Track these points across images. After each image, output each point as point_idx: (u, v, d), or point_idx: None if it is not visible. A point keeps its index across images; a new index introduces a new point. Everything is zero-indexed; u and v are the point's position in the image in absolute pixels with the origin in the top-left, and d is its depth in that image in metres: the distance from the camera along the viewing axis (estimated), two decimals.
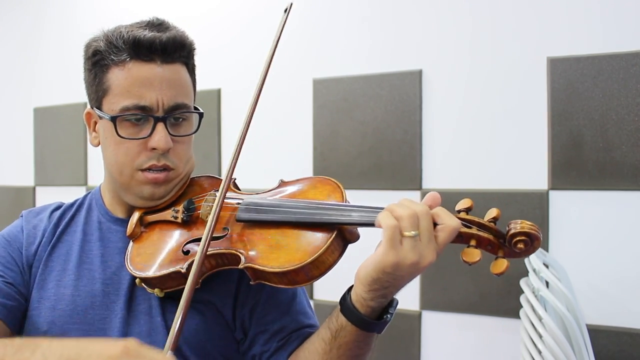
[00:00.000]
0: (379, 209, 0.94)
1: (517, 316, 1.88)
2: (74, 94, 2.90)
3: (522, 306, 1.81)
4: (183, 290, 0.96)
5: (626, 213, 1.96)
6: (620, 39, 1.98)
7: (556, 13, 2.07)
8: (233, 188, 1.18)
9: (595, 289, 1.99)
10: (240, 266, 1.01)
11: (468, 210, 0.95)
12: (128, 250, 1.14)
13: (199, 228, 1.11)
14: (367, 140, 2.35)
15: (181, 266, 1.05)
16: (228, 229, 1.07)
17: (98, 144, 1.19)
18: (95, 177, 2.96)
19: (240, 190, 1.19)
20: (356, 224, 0.99)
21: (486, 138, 2.18)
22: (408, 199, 0.93)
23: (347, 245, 1.02)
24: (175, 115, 1.12)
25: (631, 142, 1.94)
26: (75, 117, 2.96)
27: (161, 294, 1.09)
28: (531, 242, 0.90)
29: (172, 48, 1.11)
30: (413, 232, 0.88)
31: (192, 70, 1.19)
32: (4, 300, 1.11)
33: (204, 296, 1.12)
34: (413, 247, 0.88)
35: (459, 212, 0.94)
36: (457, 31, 2.23)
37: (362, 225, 0.98)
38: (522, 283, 1.83)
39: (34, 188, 3.18)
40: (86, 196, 1.29)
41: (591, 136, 2.00)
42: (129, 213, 1.19)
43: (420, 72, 2.28)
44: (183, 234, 1.12)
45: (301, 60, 2.50)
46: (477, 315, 2.18)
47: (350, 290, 0.97)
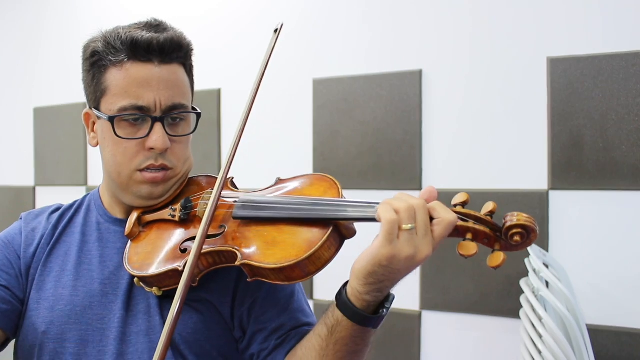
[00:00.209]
0: (375, 204, 0.94)
1: (517, 316, 1.88)
2: (74, 94, 2.89)
3: (522, 306, 1.81)
4: None
5: (626, 213, 1.96)
6: (620, 39, 1.97)
7: (556, 13, 2.07)
8: (230, 187, 1.19)
9: (595, 289, 1.99)
10: (236, 263, 1.01)
11: (464, 204, 0.94)
12: (126, 249, 1.14)
13: (197, 226, 1.10)
14: (367, 140, 2.35)
15: (179, 264, 1.05)
16: (225, 227, 1.07)
17: (96, 145, 1.20)
18: (95, 177, 2.97)
19: (237, 189, 1.19)
20: (352, 220, 0.99)
21: (486, 138, 2.18)
22: (405, 193, 0.93)
23: (344, 241, 1.01)
24: (172, 115, 1.13)
25: (631, 142, 1.94)
26: (75, 117, 2.96)
27: (159, 293, 1.09)
28: (527, 235, 0.90)
29: (170, 49, 1.11)
30: (409, 226, 0.88)
31: (190, 70, 1.19)
32: None
33: (203, 295, 1.12)
34: (409, 241, 0.88)
35: (455, 206, 0.94)
36: (457, 31, 2.23)
37: (358, 220, 0.98)
38: (522, 283, 1.83)
39: (34, 188, 3.18)
40: (85, 197, 1.29)
41: (591, 136, 1.99)
42: (128, 214, 1.19)
43: (420, 72, 2.28)
44: (181, 233, 1.13)
45: (301, 60, 2.50)
46: (477, 315, 2.17)
47: (346, 285, 0.97)
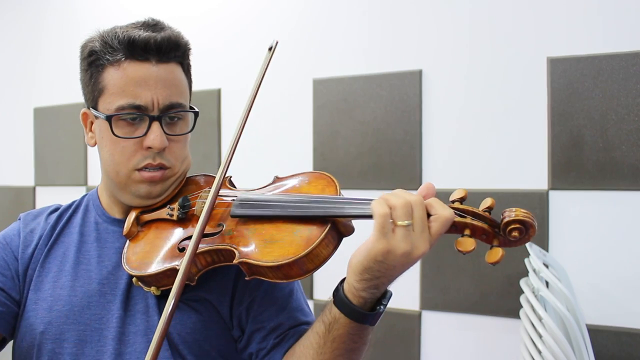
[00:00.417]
0: (372, 201, 0.94)
1: (517, 316, 1.87)
2: (74, 94, 2.84)
3: (522, 306, 1.81)
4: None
5: (626, 213, 1.96)
6: (620, 39, 1.97)
7: (556, 13, 2.07)
8: (228, 186, 1.19)
9: (595, 289, 1.98)
10: (234, 262, 1.01)
11: (462, 200, 0.94)
12: (124, 249, 1.14)
13: (195, 225, 1.10)
14: (367, 140, 2.35)
15: (177, 263, 1.05)
16: (223, 225, 1.07)
17: (94, 144, 1.20)
18: (95, 177, 2.96)
19: (235, 187, 1.19)
20: (350, 217, 0.99)
21: (486, 138, 2.17)
22: (402, 190, 0.93)
23: (342, 238, 1.01)
24: (170, 114, 1.13)
25: (631, 142, 1.94)
26: (75, 117, 2.90)
27: (157, 292, 1.09)
28: (526, 230, 0.90)
29: (167, 48, 1.11)
30: (406, 222, 0.88)
31: (188, 70, 1.19)
32: None
33: (201, 294, 1.12)
34: (405, 237, 0.88)
35: (453, 202, 0.94)
36: (457, 31, 2.23)
37: (356, 217, 0.98)
38: (522, 283, 1.83)
39: (34, 188, 3.18)
40: (83, 198, 1.29)
41: (591, 136, 1.99)
42: (126, 213, 1.19)
43: (420, 72, 2.27)
44: (179, 232, 1.12)
45: (301, 60, 2.50)
46: (477, 315, 2.17)
47: (343, 281, 0.97)
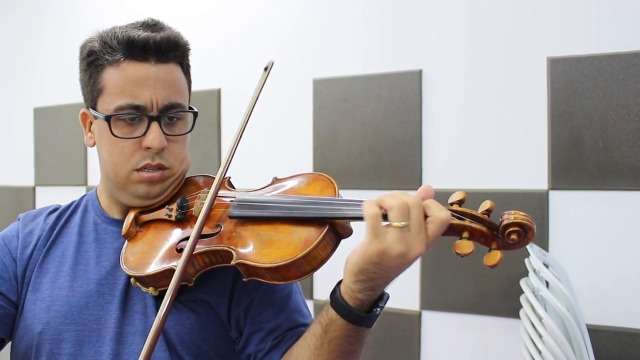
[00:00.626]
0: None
1: (517, 316, 1.87)
2: (74, 94, 2.83)
3: (522, 306, 1.81)
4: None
5: (626, 213, 1.95)
6: (620, 39, 1.97)
7: (556, 13, 2.06)
8: (227, 186, 1.18)
9: (595, 289, 1.98)
10: (232, 263, 1.00)
11: (461, 202, 0.93)
12: (123, 249, 1.14)
13: (193, 226, 1.10)
14: (367, 140, 2.35)
15: (174, 264, 1.04)
16: (221, 226, 1.07)
17: (93, 144, 1.20)
18: (95, 178, 2.96)
19: (234, 188, 1.19)
20: (348, 218, 0.98)
21: (486, 138, 2.17)
22: (400, 191, 0.92)
23: (340, 240, 1.01)
24: (169, 114, 1.13)
25: (631, 142, 1.94)
26: (75, 117, 2.88)
27: (155, 293, 1.09)
28: (525, 233, 0.89)
29: (166, 48, 1.11)
30: (402, 223, 0.87)
31: (187, 70, 1.19)
32: None
33: (200, 295, 1.12)
34: (401, 238, 0.87)
35: (452, 205, 0.93)
36: (457, 31, 2.22)
37: (354, 219, 0.97)
38: (522, 283, 1.83)
39: (34, 188, 3.18)
40: (82, 198, 1.29)
41: (591, 136, 1.99)
42: (125, 214, 1.19)
43: (420, 72, 2.27)
44: (177, 232, 1.12)
45: (301, 60, 2.50)
46: (477, 315, 2.17)
47: (340, 283, 0.96)
